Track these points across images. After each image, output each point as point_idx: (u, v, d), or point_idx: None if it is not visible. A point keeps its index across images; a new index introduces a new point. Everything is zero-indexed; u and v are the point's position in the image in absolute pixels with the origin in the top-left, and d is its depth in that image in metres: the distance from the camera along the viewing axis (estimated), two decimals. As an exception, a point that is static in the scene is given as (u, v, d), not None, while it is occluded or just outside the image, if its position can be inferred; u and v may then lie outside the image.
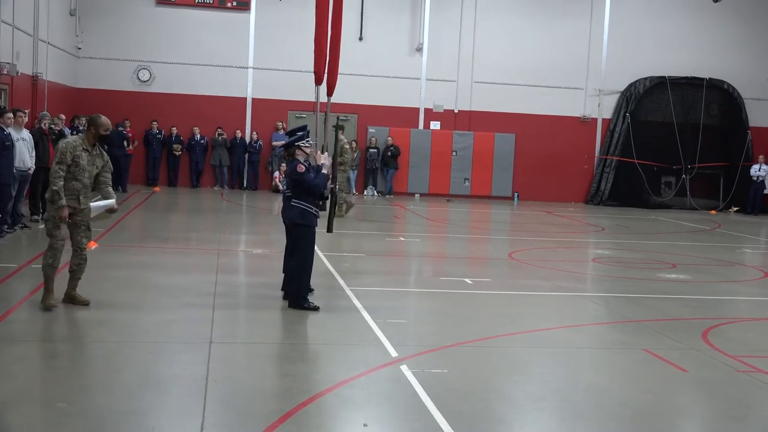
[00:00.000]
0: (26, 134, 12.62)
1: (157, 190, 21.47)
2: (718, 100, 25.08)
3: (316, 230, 8.29)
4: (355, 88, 22.11)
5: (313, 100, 17.15)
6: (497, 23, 24.11)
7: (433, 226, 17.68)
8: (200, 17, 22.89)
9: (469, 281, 10.29)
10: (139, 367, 6.05)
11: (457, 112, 24.31)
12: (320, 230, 8.47)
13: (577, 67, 24.63)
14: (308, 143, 8.27)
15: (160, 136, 22.46)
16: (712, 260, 13.47)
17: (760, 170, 23.53)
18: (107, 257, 10.59)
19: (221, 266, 10.44)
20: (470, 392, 5.85)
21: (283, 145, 12.02)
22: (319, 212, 8.32)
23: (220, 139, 22.74)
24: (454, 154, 24.11)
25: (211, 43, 22.84)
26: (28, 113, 13.80)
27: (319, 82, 16.52)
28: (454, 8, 23.99)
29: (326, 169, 8.29)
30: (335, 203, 8.70)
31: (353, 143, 23.22)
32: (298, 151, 8.18)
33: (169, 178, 22.79)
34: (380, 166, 23.63)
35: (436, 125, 24.29)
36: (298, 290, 8.16)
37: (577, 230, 17.84)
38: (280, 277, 8.79)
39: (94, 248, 10.90)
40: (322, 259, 10.96)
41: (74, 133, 16.95)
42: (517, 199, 24.42)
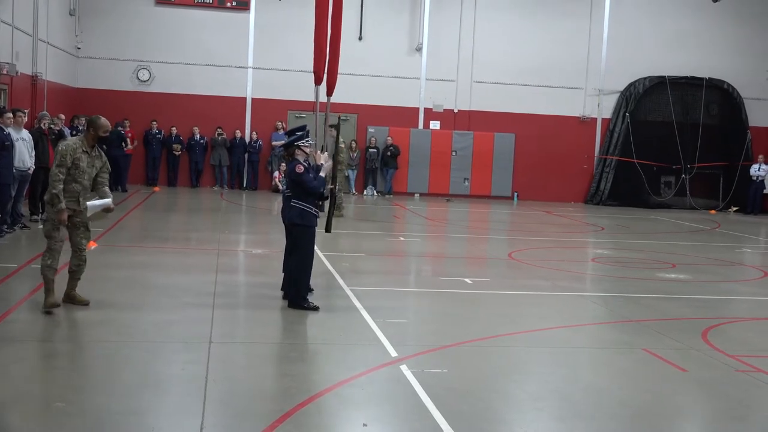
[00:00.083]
0: (26, 134, 12.63)
1: (156, 190, 21.47)
2: (717, 99, 25.08)
3: (315, 230, 8.29)
4: (354, 87, 22.11)
5: (312, 99, 17.21)
6: (497, 23, 24.11)
7: (432, 225, 17.68)
8: (200, 17, 22.89)
9: (468, 281, 10.29)
10: (138, 366, 6.05)
11: (456, 111, 24.31)
12: (319, 230, 8.46)
13: (576, 66, 24.63)
14: (308, 143, 8.26)
15: (159, 136, 22.46)
16: (711, 260, 13.47)
17: (759, 170, 23.53)
18: (107, 257, 10.59)
19: (221, 266, 10.43)
20: (470, 392, 5.85)
21: (282, 144, 12.04)
22: (318, 212, 8.32)
23: (219, 139, 22.74)
24: (453, 153, 24.11)
25: (210, 43, 22.84)
26: (27, 113, 13.80)
27: (318, 81, 16.54)
28: (453, 8, 23.98)
29: (326, 170, 8.29)
30: (335, 203, 8.68)
31: (353, 143, 23.25)
32: (297, 151, 8.16)
33: (168, 178, 22.78)
34: (380, 165, 23.62)
35: (435, 125, 24.29)
36: (297, 290, 8.16)
37: (576, 230, 17.83)
38: (279, 276, 8.79)
39: (93, 248, 10.90)
40: (321, 258, 10.95)
41: (74, 132, 16.96)
42: (516, 198, 24.42)
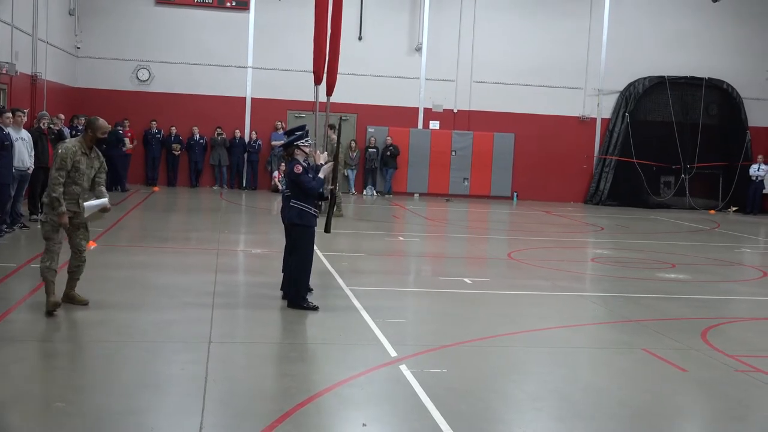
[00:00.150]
0: (25, 134, 12.63)
1: (156, 189, 21.47)
2: (717, 99, 25.08)
3: (315, 230, 8.29)
4: (354, 87, 22.12)
5: (312, 99, 17.22)
6: (496, 23, 24.11)
7: (432, 225, 17.68)
8: (199, 17, 22.89)
9: (468, 281, 10.29)
10: (137, 366, 6.05)
11: (456, 111, 24.31)
12: (318, 230, 8.46)
13: (576, 66, 24.63)
14: (307, 143, 8.25)
15: (159, 135, 22.45)
16: (711, 260, 13.47)
17: (759, 170, 23.54)
18: (106, 257, 10.59)
19: (220, 266, 10.43)
20: (469, 392, 5.85)
21: (282, 144, 12.03)
22: (317, 212, 8.31)
23: (219, 138, 22.74)
24: (453, 153, 24.11)
25: (210, 42, 22.84)
26: (27, 113, 13.80)
27: (318, 81, 16.55)
28: (453, 8, 23.98)
29: (326, 171, 8.27)
30: (334, 204, 8.67)
31: (352, 143, 23.25)
32: (297, 150, 8.15)
33: (168, 177, 22.78)
34: (379, 165, 23.62)
35: (435, 125, 24.29)
36: (297, 290, 8.16)
37: (576, 230, 17.84)
38: (279, 276, 8.79)
39: (93, 248, 10.90)
40: (321, 258, 10.95)
41: (73, 132, 16.96)
42: (516, 198, 24.42)
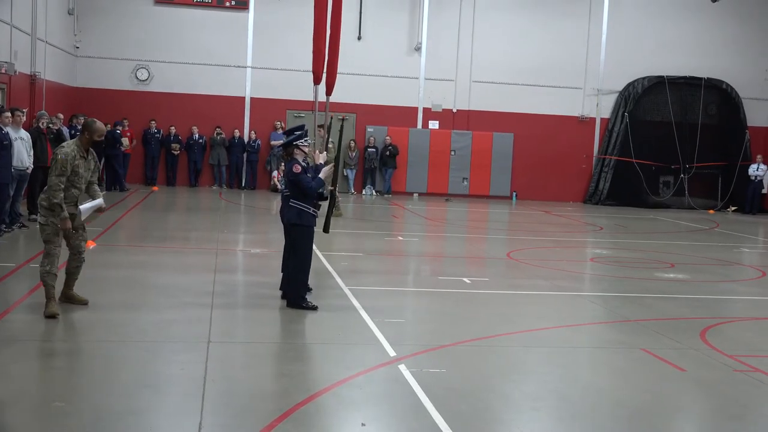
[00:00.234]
0: (24, 133, 12.64)
1: (155, 189, 21.47)
2: (716, 99, 25.08)
3: (314, 230, 8.29)
4: (353, 87, 22.11)
5: (311, 99, 17.21)
6: (496, 23, 24.12)
7: (431, 225, 17.68)
8: (199, 16, 22.88)
9: (467, 281, 10.29)
10: (137, 366, 6.05)
11: (455, 111, 24.31)
12: (317, 229, 8.46)
13: (575, 66, 24.63)
14: (306, 143, 8.25)
15: (158, 135, 22.45)
16: (710, 260, 13.48)
17: (758, 170, 23.56)
18: (105, 257, 10.59)
19: (219, 266, 10.43)
20: (468, 392, 5.85)
21: (281, 144, 12.02)
22: (317, 212, 8.31)
23: (218, 138, 22.74)
24: (452, 153, 24.11)
25: (209, 42, 22.83)
26: (26, 112, 13.80)
27: (317, 81, 16.53)
28: (452, 8, 23.99)
29: (326, 172, 8.27)
30: (334, 204, 8.67)
31: (351, 143, 23.25)
32: (296, 150, 8.15)
33: (167, 177, 22.77)
34: (379, 165, 23.62)
35: (434, 125, 24.29)
36: (296, 290, 8.16)
37: (575, 230, 17.84)
38: (278, 276, 8.79)
39: (92, 248, 10.90)
40: (320, 258, 10.96)
41: (72, 132, 16.95)
42: (515, 198, 24.42)
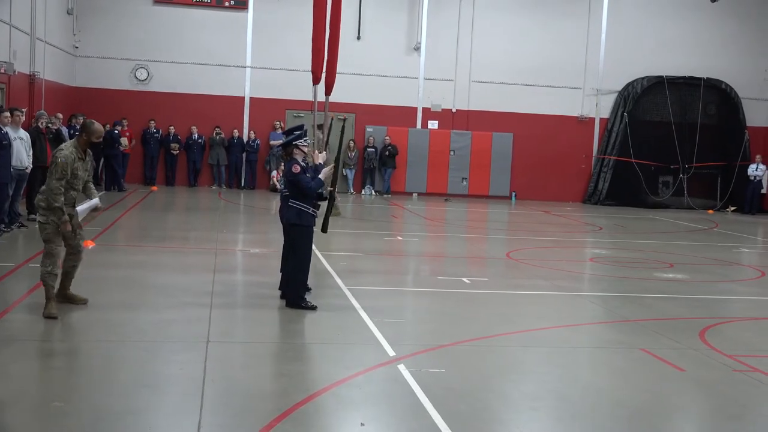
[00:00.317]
0: (23, 133, 12.63)
1: (154, 189, 21.46)
2: (715, 99, 25.09)
3: (313, 230, 8.29)
4: (352, 87, 22.10)
5: (311, 99, 17.20)
6: (495, 22, 24.11)
7: (430, 225, 17.68)
8: (198, 16, 22.87)
9: (466, 281, 10.29)
10: (136, 366, 6.05)
11: (454, 111, 24.31)
12: (316, 229, 8.45)
13: (574, 66, 24.63)
14: (306, 142, 8.24)
15: (157, 135, 22.43)
16: (709, 260, 13.48)
17: (757, 170, 23.56)
18: (105, 257, 10.58)
19: (219, 265, 10.43)
20: (467, 392, 5.85)
21: (280, 144, 12.02)
22: (316, 212, 8.30)
23: (217, 138, 22.72)
24: (451, 153, 24.11)
25: (209, 42, 22.81)
26: (25, 112, 13.79)
27: (316, 81, 16.53)
28: (451, 7, 23.98)
29: (326, 173, 8.26)
30: (333, 204, 8.67)
31: (350, 143, 23.25)
32: (296, 150, 8.15)
33: (166, 177, 22.76)
34: (378, 165, 23.61)
35: (433, 124, 24.29)
36: (295, 289, 8.16)
37: (574, 230, 17.84)
38: (277, 276, 8.79)
39: (91, 247, 10.90)
40: (319, 258, 10.95)
41: (72, 132, 16.94)
42: (514, 198, 24.42)
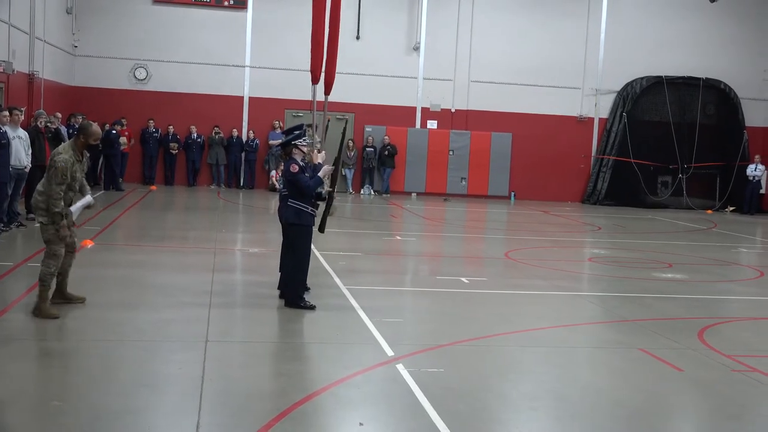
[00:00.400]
0: (22, 132, 12.63)
1: (153, 188, 21.46)
2: (714, 100, 25.10)
3: (312, 229, 8.29)
4: (352, 87, 22.09)
5: (310, 98, 17.19)
6: (494, 22, 24.12)
7: (429, 225, 17.68)
8: (197, 16, 22.86)
9: (465, 280, 10.30)
10: (135, 366, 6.05)
11: (454, 111, 24.31)
12: (315, 229, 8.45)
13: (574, 66, 24.63)
14: (305, 142, 8.24)
15: (156, 134, 22.43)
16: (708, 260, 13.49)
17: (756, 170, 23.58)
18: (104, 256, 10.58)
19: (218, 265, 10.43)
20: (466, 391, 5.85)
21: (279, 143, 12.00)
22: (315, 211, 8.30)
23: (216, 137, 22.72)
24: (451, 153, 24.11)
25: (208, 41, 22.81)
26: (24, 111, 13.77)
27: (316, 81, 16.52)
28: (451, 7, 23.99)
29: (325, 172, 8.25)
30: (331, 204, 8.67)
31: (350, 142, 23.24)
32: (295, 150, 8.15)
33: (165, 176, 22.75)
34: (377, 165, 23.61)
35: (433, 124, 24.29)
36: (294, 289, 8.16)
37: (573, 230, 17.85)
38: (276, 275, 8.79)
39: (89, 247, 10.91)
40: (318, 257, 10.95)
41: (71, 131, 16.93)
42: (513, 198, 24.43)
